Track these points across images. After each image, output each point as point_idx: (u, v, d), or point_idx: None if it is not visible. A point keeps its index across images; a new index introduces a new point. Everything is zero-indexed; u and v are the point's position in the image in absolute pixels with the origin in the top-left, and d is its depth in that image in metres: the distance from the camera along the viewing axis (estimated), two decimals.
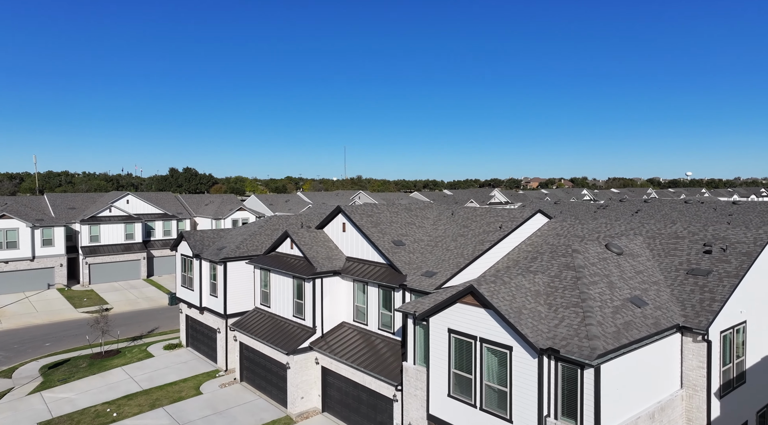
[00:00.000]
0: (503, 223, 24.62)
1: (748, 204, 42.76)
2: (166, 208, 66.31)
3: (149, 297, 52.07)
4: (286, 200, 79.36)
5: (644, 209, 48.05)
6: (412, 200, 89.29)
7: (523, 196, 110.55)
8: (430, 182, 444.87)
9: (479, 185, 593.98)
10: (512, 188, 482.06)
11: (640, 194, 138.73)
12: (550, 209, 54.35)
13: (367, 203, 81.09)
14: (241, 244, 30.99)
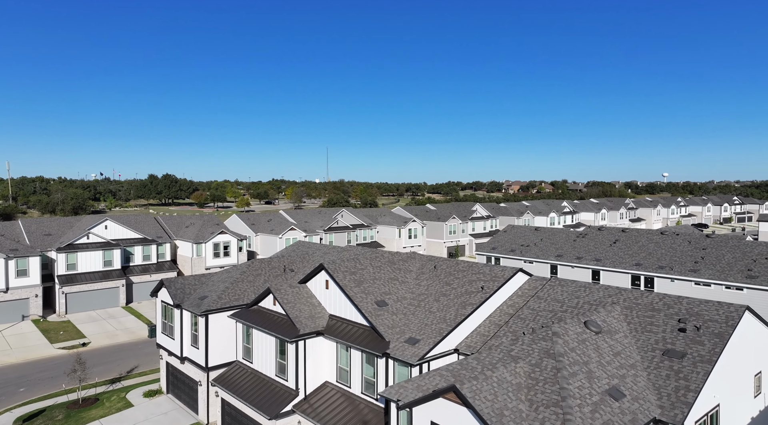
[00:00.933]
0: (485, 283, 24.86)
1: (720, 239, 43.90)
2: (146, 232, 65.30)
3: (128, 328, 51.21)
4: (268, 219, 78.74)
5: (622, 239, 48.97)
6: (395, 218, 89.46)
7: (504, 209, 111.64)
8: (413, 185, 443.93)
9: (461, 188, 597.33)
10: (494, 191, 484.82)
11: (618, 204, 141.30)
12: (531, 236, 55.09)
13: (350, 220, 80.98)
14: (223, 293, 30.70)
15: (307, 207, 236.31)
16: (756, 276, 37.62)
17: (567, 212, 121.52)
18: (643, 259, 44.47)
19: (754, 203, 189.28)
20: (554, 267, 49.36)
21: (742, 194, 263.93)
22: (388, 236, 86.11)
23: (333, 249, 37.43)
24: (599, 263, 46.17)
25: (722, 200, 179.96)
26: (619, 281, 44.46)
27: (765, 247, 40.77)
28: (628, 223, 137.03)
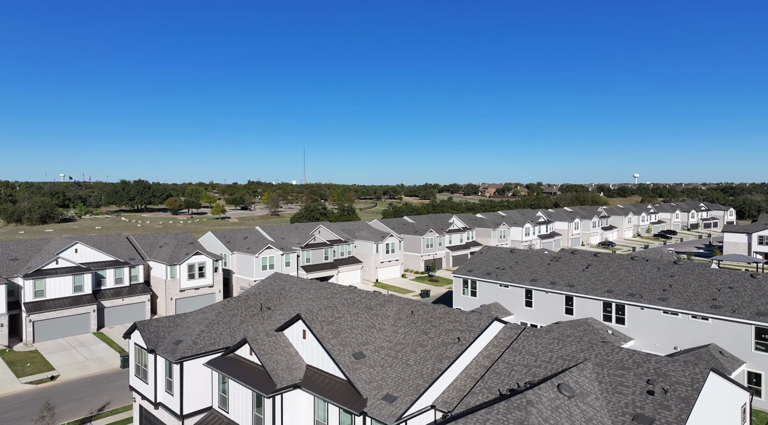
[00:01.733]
0: (461, 333, 25.18)
1: (687, 266, 45.32)
2: (118, 253, 63.88)
3: (99, 358, 50.04)
4: (244, 236, 77.86)
5: (594, 264, 50.10)
6: (372, 232, 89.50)
7: (481, 220, 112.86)
8: (390, 188, 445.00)
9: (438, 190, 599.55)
10: (470, 194, 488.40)
11: (591, 212, 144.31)
12: (507, 258, 55.86)
13: (327, 236, 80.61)
14: (199, 337, 30.32)
15: (283, 213, 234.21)
16: (720, 306, 39.01)
17: (541, 221, 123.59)
18: (615, 285, 45.62)
19: (719, 209, 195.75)
20: (529, 292, 50.23)
21: (708, 198, 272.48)
22: (365, 251, 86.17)
23: (310, 285, 37.29)
24: (572, 288, 47.18)
25: (690, 207, 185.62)
26: (592, 307, 45.52)
27: (728, 275, 42.29)
28: (600, 231, 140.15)
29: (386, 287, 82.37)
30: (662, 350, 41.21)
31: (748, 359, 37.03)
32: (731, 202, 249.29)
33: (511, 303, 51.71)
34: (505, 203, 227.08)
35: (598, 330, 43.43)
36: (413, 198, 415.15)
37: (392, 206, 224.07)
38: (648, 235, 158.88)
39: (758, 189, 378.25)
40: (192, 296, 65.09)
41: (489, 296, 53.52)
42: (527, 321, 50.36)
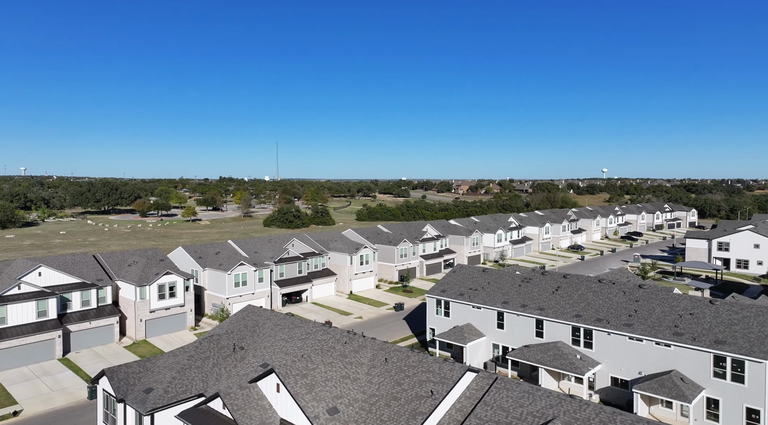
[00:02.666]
0: (434, 385, 25.53)
1: (650, 291, 46.88)
2: (84, 275, 62.13)
3: (65, 389, 48.70)
4: (216, 251, 76.60)
5: (563, 286, 51.33)
6: (346, 244, 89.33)
7: (454, 227, 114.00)
8: (364, 186, 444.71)
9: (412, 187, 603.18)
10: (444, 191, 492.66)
11: (561, 216, 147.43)
12: (480, 278, 56.66)
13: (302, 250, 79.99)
14: (170, 385, 29.88)
15: (256, 215, 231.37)
16: (682, 333, 40.59)
17: (513, 227, 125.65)
18: (583, 309, 46.89)
19: (682, 209, 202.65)
20: (501, 314, 51.16)
21: (672, 197, 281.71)
22: (339, 263, 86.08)
23: (284, 321, 37.11)
24: (543, 312, 48.28)
25: (655, 208, 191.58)
26: (561, 331, 46.69)
27: (689, 301, 43.98)
28: (570, 234, 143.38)
29: (360, 299, 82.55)
30: (628, 374, 42.67)
31: (707, 385, 38.69)
32: (693, 201, 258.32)
33: (483, 325, 52.58)
34: (478, 203, 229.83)
35: (567, 354, 44.63)
36: (387, 196, 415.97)
37: (366, 207, 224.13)
38: (615, 237, 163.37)
39: (718, 187, 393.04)
40: (163, 317, 63.94)
41: (462, 317, 54.28)
42: (499, 342, 51.33)
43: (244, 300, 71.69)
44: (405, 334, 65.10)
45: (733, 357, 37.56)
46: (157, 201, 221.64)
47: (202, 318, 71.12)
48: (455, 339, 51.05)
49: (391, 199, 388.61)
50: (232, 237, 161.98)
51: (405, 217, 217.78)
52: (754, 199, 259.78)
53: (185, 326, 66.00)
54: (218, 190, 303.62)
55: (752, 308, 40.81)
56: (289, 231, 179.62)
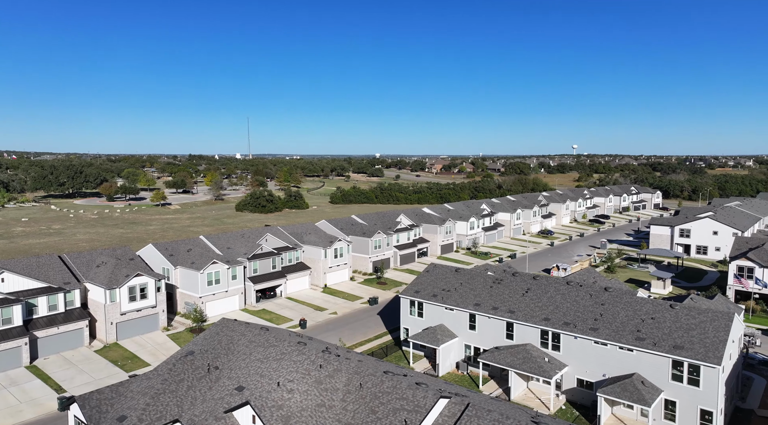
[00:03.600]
0: (408, 415, 26.23)
1: (615, 294, 48.64)
2: (50, 278, 60.51)
3: (34, 399, 47.94)
4: (188, 248, 75.32)
5: (533, 288, 52.77)
6: (320, 237, 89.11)
7: (427, 216, 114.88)
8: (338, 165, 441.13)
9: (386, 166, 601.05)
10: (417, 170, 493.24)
11: (532, 201, 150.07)
12: (452, 278, 57.64)
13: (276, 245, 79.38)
14: (144, 412, 29.82)
15: (228, 198, 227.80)
16: (643, 338, 42.50)
17: (485, 214, 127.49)
18: (551, 313, 48.43)
19: (648, 191, 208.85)
20: (473, 316, 52.39)
21: (639, 177, 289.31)
22: (314, 257, 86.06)
23: (259, 337, 37.13)
24: (513, 315, 49.67)
25: (622, 191, 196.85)
26: (531, 334, 48.22)
27: (651, 305, 45.90)
28: (540, 219, 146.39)
29: (335, 293, 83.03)
30: (593, 376, 44.61)
31: (665, 388, 40.82)
32: (658, 181, 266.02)
33: (455, 326, 53.81)
34: (451, 185, 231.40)
35: (536, 357, 46.26)
36: (361, 176, 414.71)
37: (340, 190, 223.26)
38: (584, 221, 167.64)
39: (682, 166, 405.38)
40: (134, 319, 63.14)
41: (435, 317, 55.37)
42: (471, 343, 52.71)
43: (217, 298, 71.30)
44: (379, 331, 66.09)
45: (689, 362, 39.63)
46: (124, 184, 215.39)
47: (174, 317, 70.50)
48: (428, 341, 52.15)
49: (365, 179, 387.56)
50: (203, 223, 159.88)
51: (379, 200, 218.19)
52: (715, 179, 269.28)
53: (158, 327, 65.38)
54: (188, 171, 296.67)
55: (708, 313, 42.91)
56: (263, 216, 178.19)
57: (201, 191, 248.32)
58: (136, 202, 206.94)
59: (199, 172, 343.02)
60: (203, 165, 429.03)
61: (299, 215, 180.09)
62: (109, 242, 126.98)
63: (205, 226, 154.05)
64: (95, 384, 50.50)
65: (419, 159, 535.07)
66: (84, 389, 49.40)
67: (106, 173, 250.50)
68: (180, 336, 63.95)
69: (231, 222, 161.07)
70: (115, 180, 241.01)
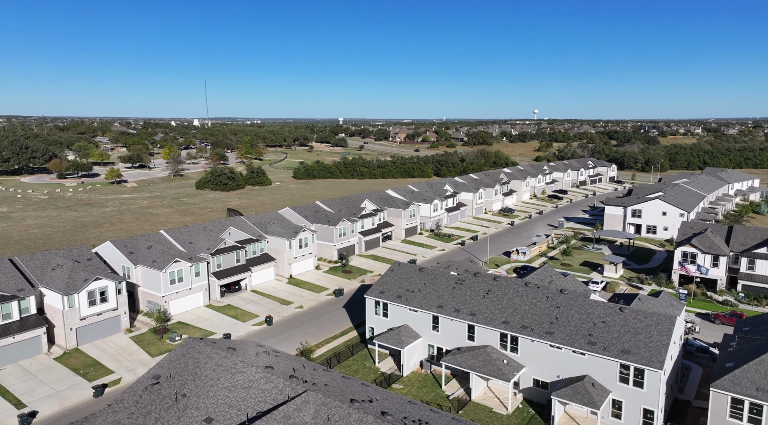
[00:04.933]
0: None
1: (570, 296, 51.11)
2: (2, 285, 58.22)
3: None
4: (148, 245, 73.37)
5: (494, 289, 54.76)
6: (285, 227, 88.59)
7: (392, 200, 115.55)
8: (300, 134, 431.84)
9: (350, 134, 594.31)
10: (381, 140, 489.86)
11: (494, 179, 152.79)
12: (416, 278, 59.01)
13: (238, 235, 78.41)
14: None
15: (187, 174, 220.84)
16: (595, 342, 45.24)
17: (449, 195, 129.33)
18: (510, 315, 50.63)
19: (604, 165, 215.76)
20: (436, 318, 54.14)
21: (596, 146, 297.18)
22: (278, 248, 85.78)
23: (226, 359, 37.44)
24: (474, 318, 51.64)
25: (579, 165, 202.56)
26: (491, 336, 50.42)
27: (602, 309, 48.60)
28: (501, 197, 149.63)
29: (300, 283, 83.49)
30: (548, 377, 47.37)
31: (613, 389, 43.92)
32: (614, 153, 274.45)
33: (419, 326, 55.54)
34: (415, 160, 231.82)
35: (495, 360, 48.59)
36: (324, 145, 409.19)
37: (304, 165, 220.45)
38: (543, 196, 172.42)
39: (637, 135, 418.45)
40: (95, 322, 62.01)
41: (400, 318, 56.90)
42: (434, 343, 54.67)
43: (181, 296, 70.59)
44: (345, 326, 67.36)
45: (635, 366, 42.64)
46: (75, 160, 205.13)
47: (137, 316, 69.59)
48: (393, 343, 53.74)
49: (329, 149, 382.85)
50: (162, 204, 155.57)
51: (343, 174, 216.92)
52: (666, 151, 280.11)
53: (120, 328, 64.50)
54: (143, 143, 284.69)
55: (653, 317, 45.91)
56: (224, 194, 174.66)
57: (158, 166, 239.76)
58: (90, 179, 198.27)
59: (155, 143, 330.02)
60: (159, 134, 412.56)
61: (262, 193, 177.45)
62: (63, 227, 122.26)
63: (164, 207, 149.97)
64: (57, 397, 49.96)
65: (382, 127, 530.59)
66: (45, 403, 48.88)
67: (54, 146, 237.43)
68: (143, 337, 63.38)
69: (191, 202, 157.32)
70: (66, 155, 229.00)
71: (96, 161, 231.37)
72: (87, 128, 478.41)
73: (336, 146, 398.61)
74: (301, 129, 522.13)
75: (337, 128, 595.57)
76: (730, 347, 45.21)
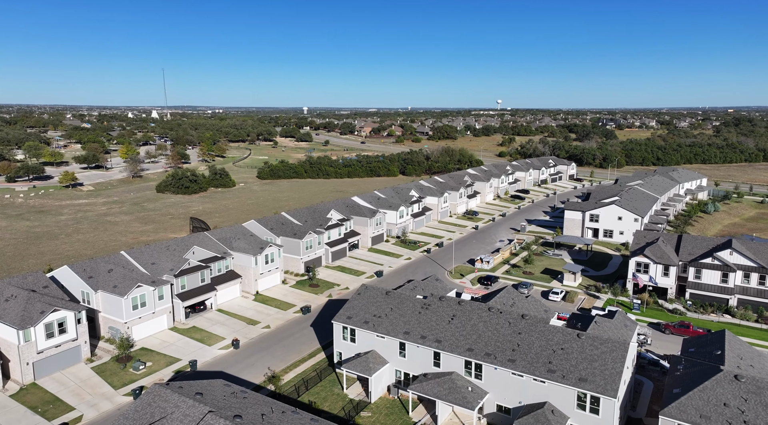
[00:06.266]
0: None
1: (530, 322, 53.05)
2: None
3: None
4: (108, 269, 71.07)
5: (458, 314, 56.22)
6: (250, 242, 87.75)
7: (358, 208, 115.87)
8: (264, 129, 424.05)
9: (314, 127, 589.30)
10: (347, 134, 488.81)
11: (459, 182, 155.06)
12: (383, 303, 59.86)
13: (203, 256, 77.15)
14: None
15: (147, 175, 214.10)
16: (554, 371, 47.31)
17: (414, 200, 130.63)
18: (474, 342, 52.21)
19: (564, 163, 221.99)
20: (403, 344, 55.24)
21: (557, 142, 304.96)
22: (244, 264, 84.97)
23: (193, 409, 37.33)
24: (440, 345, 52.98)
25: (541, 164, 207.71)
26: (456, 362, 51.92)
27: (561, 335, 50.70)
28: (466, 200, 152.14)
29: (267, 300, 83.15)
30: (511, 403, 49.27)
31: (571, 415, 46.15)
32: (574, 149, 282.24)
33: (387, 352, 56.56)
34: (381, 158, 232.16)
35: (461, 387, 50.13)
36: (289, 140, 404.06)
37: (268, 165, 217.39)
38: (506, 197, 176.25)
39: (595, 128, 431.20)
40: (53, 355, 60.19)
41: (367, 344, 57.75)
42: (401, 368, 55.83)
43: (144, 321, 69.25)
44: (313, 347, 67.72)
45: (591, 395, 44.91)
46: (25, 162, 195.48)
47: (98, 343, 67.93)
48: (361, 370, 54.57)
49: (294, 144, 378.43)
50: (121, 210, 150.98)
51: (308, 174, 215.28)
52: (622, 146, 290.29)
53: (80, 359, 62.86)
54: (99, 141, 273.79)
55: (608, 344, 48.31)
56: (186, 197, 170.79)
57: (116, 166, 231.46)
58: (42, 183, 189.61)
59: (111, 139, 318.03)
60: (116, 129, 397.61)
61: (226, 196, 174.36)
62: (14, 240, 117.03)
63: (123, 213, 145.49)
64: None
65: (347, 121, 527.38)
66: None
67: (2, 145, 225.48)
68: (106, 367, 62.02)
69: (152, 208, 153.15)
70: (14, 155, 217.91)
71: (48, 161, 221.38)
72: (37, 122, 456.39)
73: (301, 141, 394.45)
74: (264, 123, 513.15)
75: (302, 121, 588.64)
76: (678, 370, 48.12)
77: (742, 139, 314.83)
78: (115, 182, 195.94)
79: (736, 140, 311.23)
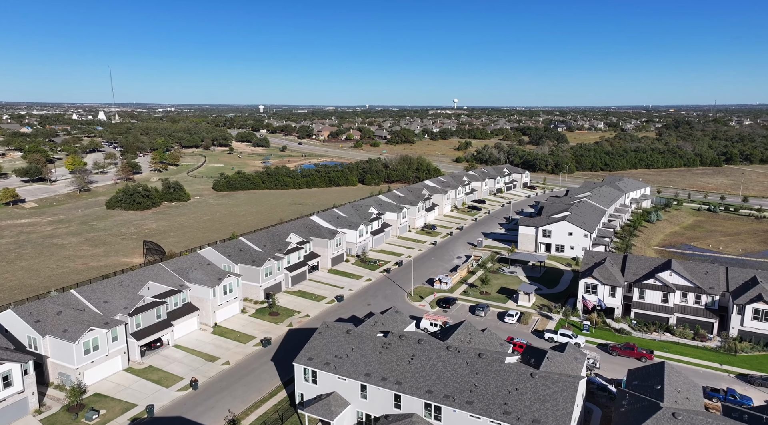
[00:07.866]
0: None
1: (488, 359, 55.00)
2: None
3: None
4: (58, 311, 67.71)
5: (418, 354, 57.56)
6: (207, 272, 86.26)
7: (317, 229, 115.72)
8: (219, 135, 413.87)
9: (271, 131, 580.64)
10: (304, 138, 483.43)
11: (417, 196, 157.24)
12: (344, 342, 60.39)
13: None
14: None
15: (96, 189, 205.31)
16: (509, 412, 49.39)
17: (373, 218, 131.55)
18: (433, 383, 53.71)
19: (518, 172, 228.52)
20: (364, 386, 56.11)
21: (511, 147, 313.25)
22: (202, 296, 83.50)
23: None
24: (400, 386, 54.15)
25: (496, 173, 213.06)
26: (416, 404, 53.27)
27: (516, 375, 52.92)
28: (424, 214, 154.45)
29: (226, 333, 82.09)
30: None
31: None
32: (527, 155, 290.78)
33: (348, 393, 57.30)
34: (339, 168, 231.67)
35: None
36: (245, 145, 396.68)
37: (224, 177, 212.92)
38: (463, 208, 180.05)
39: (548, 131, 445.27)
40: None
41: (329, 385, 58.29)
42: (363, 409, 56.72)
43: (97, 365, 67.09)
44: (274, 384, 67.53)
45: None
46: None
47: (46, 390, 65.27)
48: (323, 414, 55.10)
49: (250, 149, 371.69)
50: (68, 230, 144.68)
51: (266, 185, 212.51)
52: (573, 152, 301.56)
53: (27, 411, 60.34)
54: (42, 150, 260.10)
55: (559, 383, 50.85)
56: (139, 214, 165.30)
57: (61, 179, 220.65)
58: None
59: (55, 146, 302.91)
60: (60, 134, 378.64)
61: (180, 211, 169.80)
62: None
63: (71, 235, 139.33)
64: None
65: (305, 125, 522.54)
66: None
67: None
68: (56, 419, 59.79)
69: (102, 227, 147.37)
70: None
71: None
72: None
73: (257, 146, 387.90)
74: (219, 127, 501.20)
75: (258, 123, 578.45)
76: (623, 406, 51.26)
77: (681, 143, 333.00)
78: (60, 197, 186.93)
79: (675, 145, 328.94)
